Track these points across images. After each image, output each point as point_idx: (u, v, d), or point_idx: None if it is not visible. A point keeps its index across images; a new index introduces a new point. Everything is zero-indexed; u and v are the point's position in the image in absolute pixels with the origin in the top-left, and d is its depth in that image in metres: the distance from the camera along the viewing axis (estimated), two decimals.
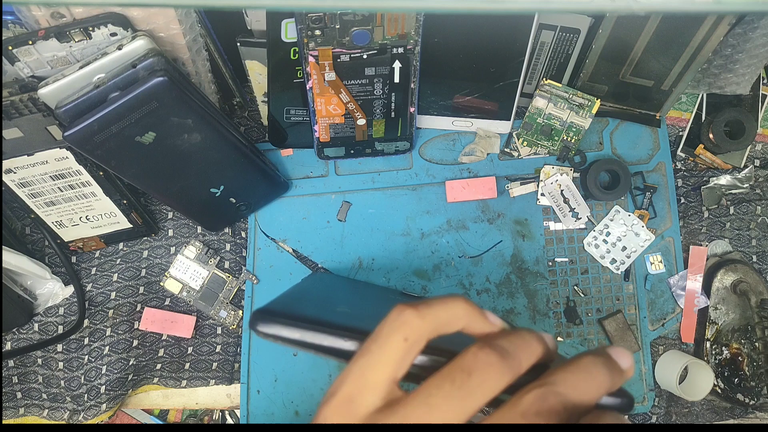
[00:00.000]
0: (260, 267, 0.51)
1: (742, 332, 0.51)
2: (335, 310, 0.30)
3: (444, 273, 0.51)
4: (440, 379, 0.19)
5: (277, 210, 0.52)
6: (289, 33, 0.41)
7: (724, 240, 0.53)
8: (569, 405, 0.19)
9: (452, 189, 0.51)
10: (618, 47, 0.45)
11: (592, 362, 0.20)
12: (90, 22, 0.35)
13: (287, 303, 0.28)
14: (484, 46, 0.44)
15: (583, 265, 0.51)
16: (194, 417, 0.53)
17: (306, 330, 0.23)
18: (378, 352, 0.20)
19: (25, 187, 0.44)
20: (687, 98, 0.54)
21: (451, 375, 0.19)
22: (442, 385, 0.19)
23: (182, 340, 0.51)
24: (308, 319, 0.23)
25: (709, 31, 0.42)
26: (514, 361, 0.19)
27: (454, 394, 0.18)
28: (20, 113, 0.38)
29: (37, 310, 0.51)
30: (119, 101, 0.35)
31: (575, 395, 0.19)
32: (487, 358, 0.19)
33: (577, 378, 0.19)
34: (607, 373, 0.20)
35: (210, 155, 0.42)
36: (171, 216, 0.52)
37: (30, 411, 0.50)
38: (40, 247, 0.52)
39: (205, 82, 0.45)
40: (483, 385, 0.19)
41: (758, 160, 0.54)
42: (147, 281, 0.51)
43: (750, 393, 0.50)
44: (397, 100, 0.45)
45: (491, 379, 0.19)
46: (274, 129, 0.49)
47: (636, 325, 0.51)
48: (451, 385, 0.19)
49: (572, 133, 0.50)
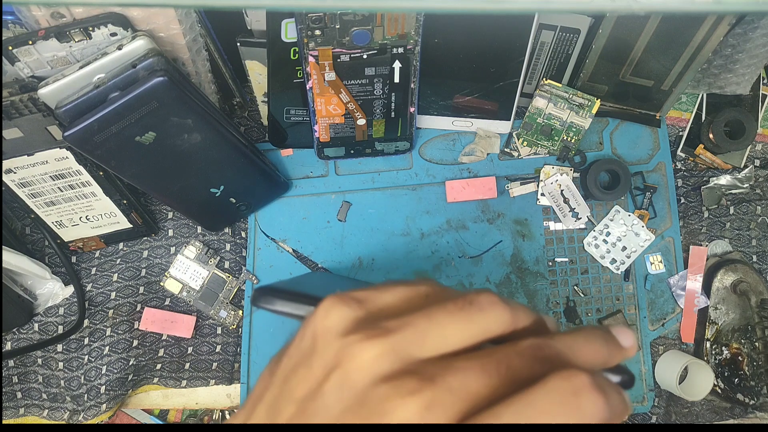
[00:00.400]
0: (260, 267, 0.51)
1: (742, 332, 0.51)
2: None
3: (444, 273, 0.51)
4: (444, 300, 0.19)
5: (277, 210, 0.52)
6: (289, 33, 0.41)
7: (724, 240, 0.53)
8: (564, 360, 0.18)
9: (452, 189, 0.51)
10: (618, 47, 0.45)
11: (592, 331, 0.20)
12: (90, 22, 0.35)
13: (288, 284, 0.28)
14: (484, 46, 0.44)
15: (583, 265, 0.51)
16: (194, 417, 0.53)
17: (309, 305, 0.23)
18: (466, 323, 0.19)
19: (25, 187, 0.44)
20: (687, 98, 0.54)
21: (453, 299, 0.19)
22: (446, 305, 0.19)
23: (182, 340, 0.51)
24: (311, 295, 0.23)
25: (709, 31, 0.42)
26: (513, 311, 0.19)
27: (456, 314, 0.18)
28: (20, 113, 0.38)
29: (37, 310, 0.51)
30: (119, 101, 0.35)
31: (570, 354, 0.19)
32: (490, 297, 0.19)
33: (575, 340, 0.19)
34: (605, 344, 0.20)
35: (210, 155, 0.42)
36: (171, 216, 0.52)
37: (30, 411, 0.50)
38: (40, 247, 0.52)
39: (205, 82, 0.45)
40: (483, 315, 0.19)
41: (758, 160, 0.54)
42: (147, 281, 0.51)
43: (750, 393, 0.50)
44: (397, 100, 0.45)
45: (491, 314, 0.19)
46: (274, 129, 0.49)
47: (636, 325, 0.51)
48: (453, 305, 0.19)
49: (572, 133, 0.50)
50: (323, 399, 0.18)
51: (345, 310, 0.19)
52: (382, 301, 0.20)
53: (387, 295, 0.20)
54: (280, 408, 0.19)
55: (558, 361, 0.18)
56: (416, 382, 0.17)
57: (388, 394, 0.17)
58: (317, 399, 0.18)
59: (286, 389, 0.19)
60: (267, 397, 0.20)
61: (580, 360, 0.19)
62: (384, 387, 0.17)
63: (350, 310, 0.19)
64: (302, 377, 0.19)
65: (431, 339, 0.18)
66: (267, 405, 0.19)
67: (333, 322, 0.19)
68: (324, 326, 0.19)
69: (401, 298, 0.20)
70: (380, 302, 0.20)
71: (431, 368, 0.17)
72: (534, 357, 0.18)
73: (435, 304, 0.19)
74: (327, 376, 0.18)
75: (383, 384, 0.17)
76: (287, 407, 0.18)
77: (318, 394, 0.18)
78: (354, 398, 0.17)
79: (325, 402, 0.18)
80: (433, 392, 0.16)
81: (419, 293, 0.21)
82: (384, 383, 0.17)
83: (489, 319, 0.19)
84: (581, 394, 0.17)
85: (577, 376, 0.17)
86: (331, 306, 0.19)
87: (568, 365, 0.18)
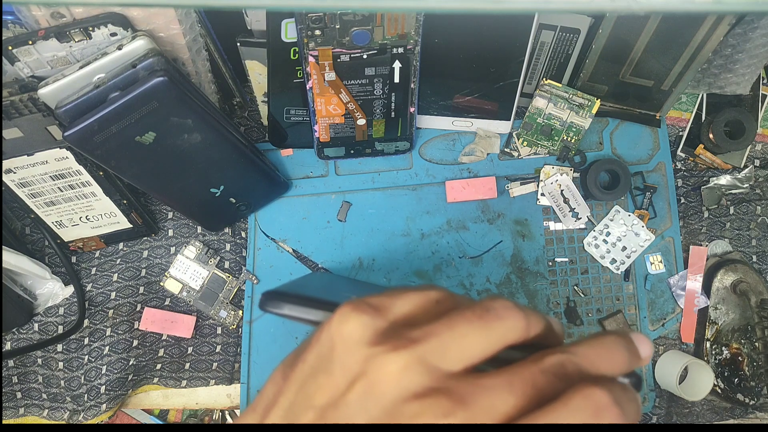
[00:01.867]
0: (260, 267, 0.51)
1: (742, 332, 0.51)
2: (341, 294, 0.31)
3: (444, 273, 0.51)
4: (463, 308, 0.19)
5: (277, 210, 0.52)
6: (289, 33, 0.41)
7: (724, 240, 0.53)
8: (585, 375, 0.19)
9: (452, 189, 0.51)
10: (618, 47, 0.45)
11: (615, 342, 0.20)
12: (90, 22, 0.35)
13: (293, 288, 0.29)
14: (484, 46, 0.44)
15: (583, 265, 0.51)
16: (194, 417, 0.53)
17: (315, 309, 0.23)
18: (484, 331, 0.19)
19: (25, 187, 0.44)
20: (687, 98, 0.54)
21: (471, 307, 0.19)
22: (464, 313, 0.19)
23: (182, 340, 0.51)
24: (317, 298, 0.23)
25: (709, 31, 0.42)
26: (527, 318, 0.19)
27: (475, 322, 0.19)
28: (20, 113, 0.38)
29: (37, 310, 0.51)
30: (119, 101, 0.35)
31: (592, 369, 0.19)
32: (506, 304, 0.19)
33: (597, 353, 0.19)
34: (627, 356, 0.20)
35: (210, 155, 0.42)
36: (171, 216, 0.52)
37: (30, 411, 0.50)
38: (40, 247, 0.52)
39: (205, 82, 0.45)
40: (501, 323, 0.19)
41: (758, 160, 0.54)
42: (147, 281, 0.51)
43: (750, 393, 0.50)
44: (397, 100, 0.45)
45: (509, 321, 0.19)
46: (274, 129, 0.49)
47: (636, 325, 0.51)
48: (471, 313, 0.19)
49: (572, 133, 0.50)
50: (347, 408, 0.18)
51: (364, 318, 0.19)
52: (398, 309, 0.20)
53: (402, 302, 0.20)
54: (297, 414, 0.19)
55: (579, 377, 0.18)
56: (449, 402, 0.17)
57: (421, 413, 0.17)
58: (340, 407, 0.18)
59: (304, 395, 0.19)
60: (282, 401, 0.19)
61: (600, 372, 0.19)
62: (415, 405, 0.17)
63: (369, 318, 0.19)
64: (322, 384, 0.19)
65: (455, 349, 0.18)
66: (283, 410, 0.19)
67: (352, 329, 0.19)
68: (343, 333, 0.19)
69: (416, 305, 0.20)
70: (397, 310, 0.20)
71: (461, 387, 0.17)
72: (557, 375, 0.18)
73: (453, 312, 0.19)
74: (351, 385, 0.18)
75: (414, 401, 0.17)
76: (306, 413, 0.18)
77: (341, 403, 0.18)
78: (381, 410, 0.17)
79: (348, 411, 0.18)
80: (465, 414, 0.17)
81: (430, 299, 0.21)
82: (415, 400, 0.17)
83: (507, 326, 0.19)
84: (602, 413, 0.17)
85: (598, 395, 0.17)
86: (348, 313, 0.19)
87: (588, 380, 0.18)
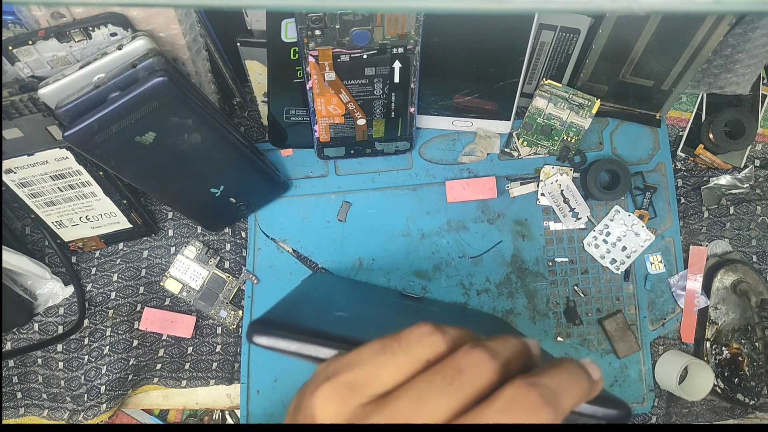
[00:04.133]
0: (260, 267, 0.51)
1: (742, 332, 0.51)
2: (334, 316, 0.31)
3: (444, 273, 0.51)
4: (432, 374, 0.19)
5: (277, 210, 0.52)
6: (289, 33, 0.41)
7: (724, 240, 0.53)
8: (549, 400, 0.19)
9: (452, 189, 0.51)
10: (618, 47, 0.45)
11: (571, 364, 0.21)
12: (90, 22, 0.35)
13: (285, 310, 0.29)
14: (484, 46, 0.44)
15: (583, 265, 0.51)
16: (194, 417, 0.53)
17: (302, 342, 0.23)
18: (402, 357, 0.20)
19: (25, 187, 0.44)
20: (687, 98, 0.54)
21: (442, 371, 0.19)
22: (434, 380, 0.19)
23: (182, 340, 0.51)
24: (305, 330, 0.24)
25: (709, 31, 0.42)
26: (504, 361, 0.20)
27: (445, 389, 0.19)
28: (20, 113, 0.38)
29: (37, 310, 0.51)
30: (119, 101, 0.35)
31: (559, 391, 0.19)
32: (479, 356, 0.19)
33: (562, 388, 0.20)
34: (586, 377, 0.20)
35: (210, 155, 0.42)
36: (171, 216, 0.52)
37: (30, 411, 0.50)
38: (40, 247, 0.52)
39: (205, 82, 0.45)
40: (473, 381, 0.19)
41: (758, 160, 0.54)
42: (147, 281, 0.51)
43: (750, 393, 0.50)
44: (397, 100, 0.45)
45: (481, 377, 0.19)
46: (274, 129, 0.49)
47: (636, 325, 0.51)
48: (441, 380, 0.19)
49: (572, 133, 0.50)
50: None
51: (341, 406, 0.19)
52: (377, 382, 0.20)
53: (382, 373, 0.20)
54: None
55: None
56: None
57: None
58: None
59: None
60: None
61: (568, 407, 0.20)
62: None
63: (346, 406, 0.19)
64: None
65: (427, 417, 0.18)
66: None
67: (330, 416, 0.19)
68: (322, 419, 0.19)
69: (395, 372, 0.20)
70: (376, 384, 0.20)
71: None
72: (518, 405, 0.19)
73: (425, 382, 0.19)
74: None
75: None
76: None
77: None
78: None
79: None
80: None
81: (420, 359, 0.20)
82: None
83: (478, 382, 0.19)
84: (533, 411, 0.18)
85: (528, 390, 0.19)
86: (327, 397, 0.20)
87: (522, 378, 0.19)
